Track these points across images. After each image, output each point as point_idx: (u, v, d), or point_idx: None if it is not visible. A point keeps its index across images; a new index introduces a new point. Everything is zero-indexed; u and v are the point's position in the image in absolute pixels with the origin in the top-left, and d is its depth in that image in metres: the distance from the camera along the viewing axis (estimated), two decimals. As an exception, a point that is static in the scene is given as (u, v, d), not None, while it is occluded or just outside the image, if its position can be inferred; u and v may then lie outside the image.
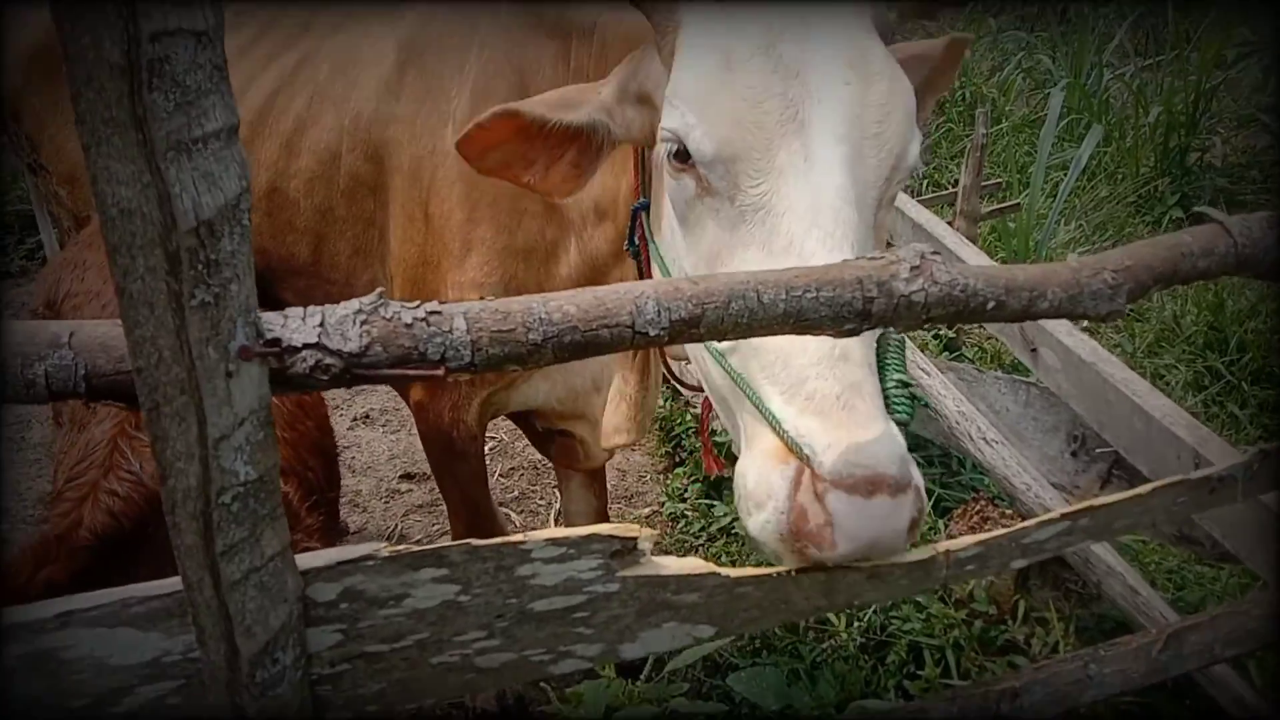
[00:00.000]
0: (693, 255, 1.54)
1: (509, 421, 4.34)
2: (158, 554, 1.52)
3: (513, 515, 3.79)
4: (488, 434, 4.26)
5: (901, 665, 2.53)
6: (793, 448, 1.29)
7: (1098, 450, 2.16)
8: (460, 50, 2.24)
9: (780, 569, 1.37)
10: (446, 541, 1.23)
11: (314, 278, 2.54)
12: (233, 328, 0.99)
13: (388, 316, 1.05)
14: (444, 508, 3.89)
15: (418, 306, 1.06)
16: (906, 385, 1.38)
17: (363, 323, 1.05)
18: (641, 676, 2.48)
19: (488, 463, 4.10)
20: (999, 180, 5.45)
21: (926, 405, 1.50)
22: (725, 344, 1.44)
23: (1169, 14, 6.97)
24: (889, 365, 1.41)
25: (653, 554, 1.32)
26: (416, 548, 1.20)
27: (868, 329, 1.27)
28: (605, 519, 3.12)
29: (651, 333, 1.16)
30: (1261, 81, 5.66)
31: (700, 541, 3.59)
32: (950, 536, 2.59)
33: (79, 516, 1.79)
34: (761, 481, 1.32)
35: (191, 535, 1.06)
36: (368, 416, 4.36)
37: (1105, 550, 2.44)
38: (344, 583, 1.19)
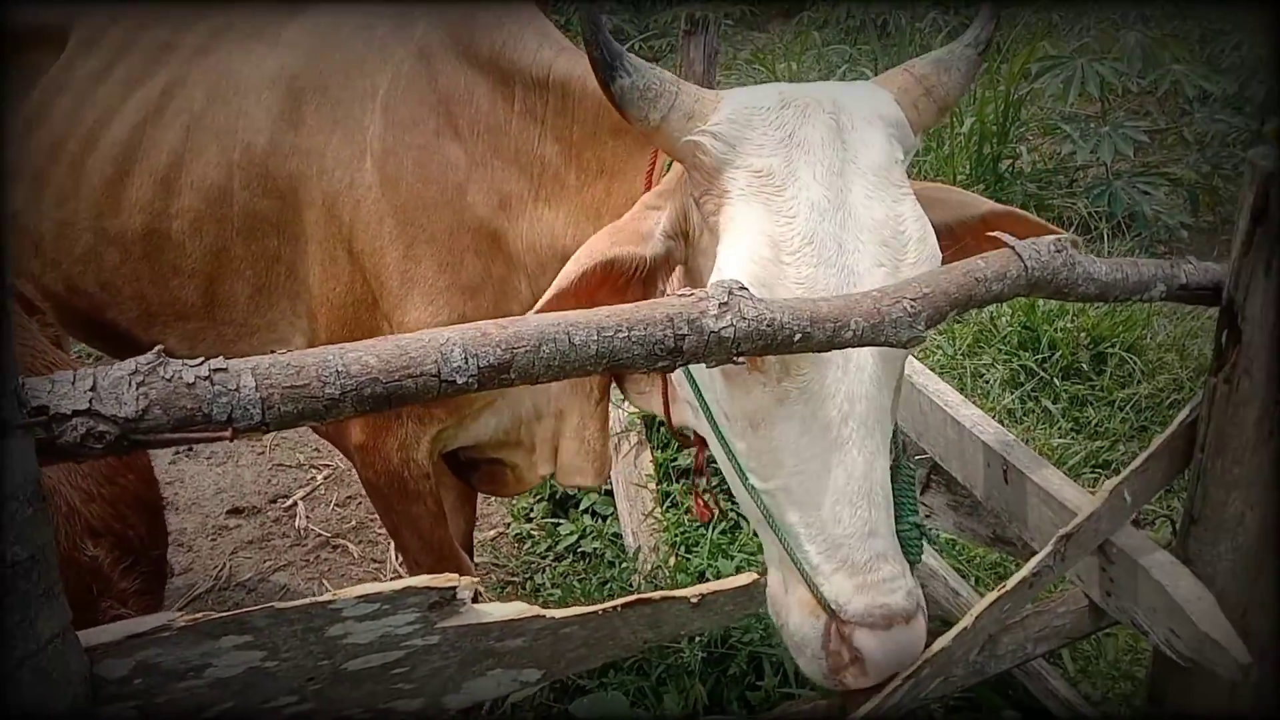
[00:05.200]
0: (735, 407, 1.58)
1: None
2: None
3: (350, 546, 3.67)
4: (321, 462, 4.13)
5: (743, 676, 2.56)
6: (824, 604, 1.49)
7: (918, 457, 2.26)
8: (368, 76, 2.11)
9: (604, 605, 1.37)
10: (280, 579, 1.17)
11: (205, 320, 2.37)
12: (-11, 399, 0.91)
13: (168, 376, 0.99)
14: (278, 543, 3.75)
15: (201, 364, 1.00)
16: (919, 528, 1.65)
17: (139, 384, 0.98)
18: (484, 709, 2.44)
19: (322, 491, 3.97)
20: (828, 189, 5.61)
21: (934, 541, 1.69)
22: (763, 484, 1.56)
23: (979, 28, 7.38)
24: (904, 506, 1.62)
25: (475, 601, 1.29)
26: (216, 614, 1.14)
27: (681, 364, 1.28)
28: (470, 542, 3.03)
29: (460, 380, 1.13)
30: (1061, 91, 6.02)
31: (547, 561, 3.56)
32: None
33: None
34: (799, 630, 1.54)
35: (-46, 624, 0.97)
36: (190, 450, 4.14)
37: (928, 553, 2.54)
38: (137, 657, 1.12)
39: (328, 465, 4.10)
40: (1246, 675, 1.64)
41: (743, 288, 1.26)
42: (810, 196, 1.48)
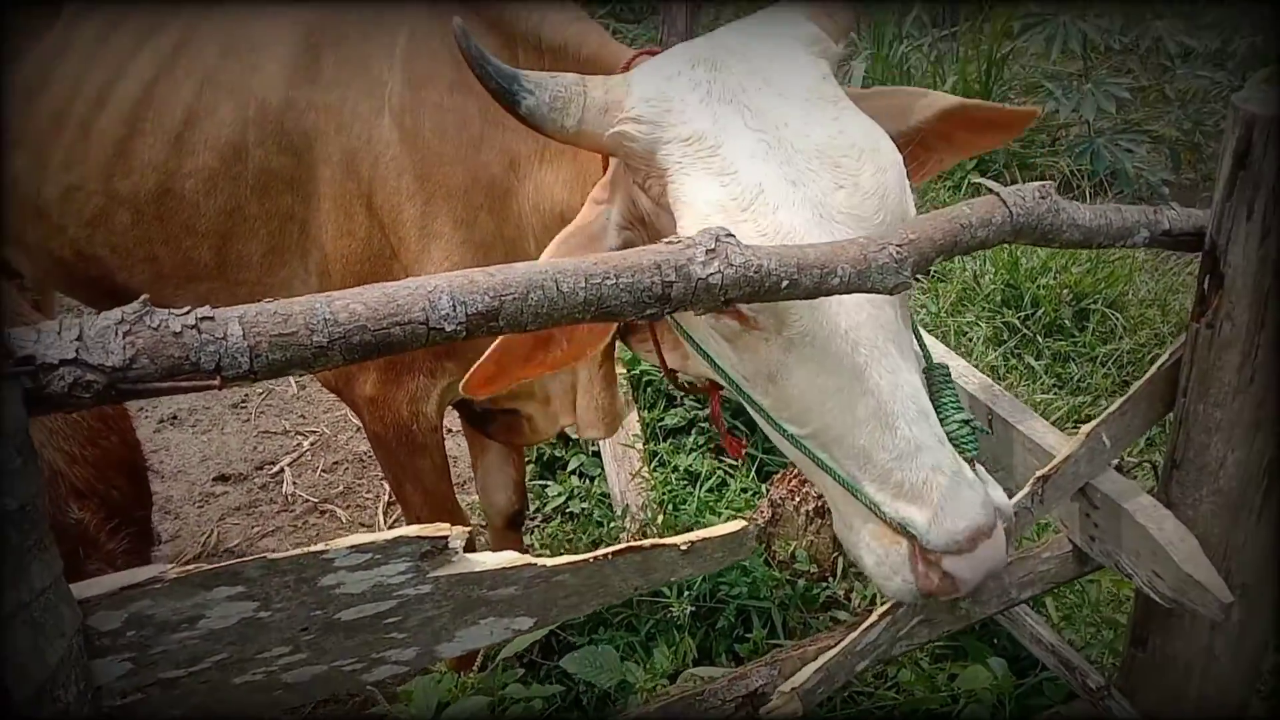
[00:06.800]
0: (748, 367, 1.57)
1: (330, 414, 4.21)
2: None
3: (338, 511, 3.67)
4: (307, 428, 4.12)
5: (731, 629, 2.59)
6: (899, 530, 1.47)
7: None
8: (387, 32, 2.09)
9: (596, 554, 1.38)
10: (268, 544, 1.17)
11: (218, 281, 2.35)
12: (-26, 348, 0.91)
13: (154, 325, 0.98)
14: (265, 509, 3.75)
15: (187, 313, 1.00)
16: (968, 423, 1.56)
17: (126, 334, 0.97)
18: (475, 667, 2.46)
19: (308, 457, 3.97)
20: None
21: (987, 432, 1.57)
22: (800, 431, 1.55)
23: (961, -14, 7.33)
24: (946, 405, 1.55)
25: (465, 550, 1.30)
26: (207, 566, 1.14)
27: (669, 312, 1.28)
28: (523, 492, 3.03)
29: (448, 328, 1.13)
30: (1044, 50, 6.01)
31: (535, 523, 3.57)
32: (771, 499, 2.67)
33: None
34: (884, 561, 1.52)
35: (-55, 575, 0.97)
36: (175, 418, 4.12)
37: (915, 505, 2.56)
38: (129, 609, 1.12)
39: (314, 431, 4.09)
40: (1228, 615, 1.67)
41: (729, 234, 1.26)
42: (746, 146, 1.47)
